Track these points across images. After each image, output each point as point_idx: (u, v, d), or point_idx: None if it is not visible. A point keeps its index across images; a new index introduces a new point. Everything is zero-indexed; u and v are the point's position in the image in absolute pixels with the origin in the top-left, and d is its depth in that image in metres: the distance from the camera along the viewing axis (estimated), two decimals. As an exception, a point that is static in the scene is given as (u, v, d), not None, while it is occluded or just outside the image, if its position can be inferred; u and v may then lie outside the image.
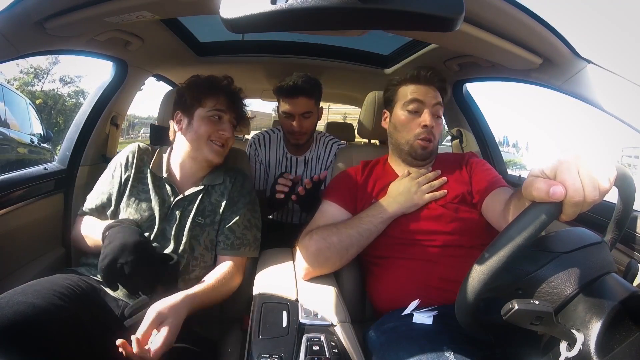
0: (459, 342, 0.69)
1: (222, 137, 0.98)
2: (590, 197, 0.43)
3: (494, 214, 0.86)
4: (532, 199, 0.46)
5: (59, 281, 0.76)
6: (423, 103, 1.00)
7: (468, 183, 0.98)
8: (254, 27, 0.45)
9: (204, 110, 0.97)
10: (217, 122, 0.98)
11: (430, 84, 1.03)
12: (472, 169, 1.01)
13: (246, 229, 0.99)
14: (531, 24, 0.74)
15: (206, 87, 0.99)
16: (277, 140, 1.54)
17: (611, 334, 0.44)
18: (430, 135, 1.00)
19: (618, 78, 0.74)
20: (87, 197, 1.02)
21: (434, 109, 1.01)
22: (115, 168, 1.00)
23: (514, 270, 0.50)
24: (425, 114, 0.99)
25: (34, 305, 0.66)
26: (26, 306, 0.65)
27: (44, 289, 0.71)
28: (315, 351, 0.65)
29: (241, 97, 1.05)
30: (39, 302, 0.67)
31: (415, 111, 1.01)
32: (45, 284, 0.73)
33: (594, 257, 0.51)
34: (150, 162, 1.00)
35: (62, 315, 0.68)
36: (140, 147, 1.03)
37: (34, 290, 0.69)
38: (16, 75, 12.08)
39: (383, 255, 0.93)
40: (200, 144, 0.97)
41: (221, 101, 0.98)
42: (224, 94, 0.99)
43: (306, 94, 1.36)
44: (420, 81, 1.03)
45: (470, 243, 0.88)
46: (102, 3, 0.78)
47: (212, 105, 0.97)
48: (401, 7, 0.42)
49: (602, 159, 0.44)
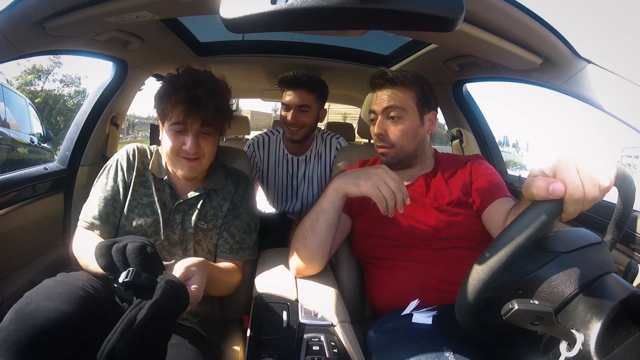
0: (459, 342, 0.69)
1: (186, 152, 0.87)
2: (591, 195, 0.43)
3: (494, 224, 0.85)
4: (532, 198, 0.46)
5: (73, 281, 0.75)
6: (375, 112, 0.98)
7: (467, 186, 0.95)
8: (254, 27, 0.45)
9: (167, 123, 0.87)
10: (180, 135, 0.87)
11: (383, 87, 0.97)
12: (475, 174, 0.97)
13: (245, 233, 0.98)
14: (531, 24, 0.74)
15: (164, 98, 0.87)
16: (276, 142, 1.54)
17: (611, 334, 0.44)
18: (383, 142, 0.96)
19: (618, 78, 0.74)
20: (86, 209, 0.90)
21: (384, 113, 0.96)
22: (117, 172, 0.92)
23: (514, 270, 0.50)
24: (377, 122, 0.97)
25: (63, 312, 0.65)
26: (57, 313, 0.64)
27: (65, 292, 0.70)
28: (315, 351, 0.65)
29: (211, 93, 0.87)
30: (66, 307, 0.66)
31: (372, 120, 1.00)
32: (64, 286, 0.72)
33: (594, 257, 0.51)
34: (150, 163, 0.95)
35: (87, 319, 0.68)
36: (138, 148, 0.96)
37: (57, 294, 0.68)
38: (17, 74, 12.10)
39: (380, 256, 0.93)
40: (171, 159, 0.89)
41: (178, 112, 0.84)
42: (182, 103, 0.84)
43: (305, 87, 1.38)
44: (374, 87, 0.99)
45: (468, 244, 0.88)
46: (102, 3, 0.78)
47: (172, 118, 0.86)
48: (401, 7, 0.42)
49: (602, 158, 0.44)
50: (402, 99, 0.95)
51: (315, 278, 0.92)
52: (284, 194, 1.56)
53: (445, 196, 0.93)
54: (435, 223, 0.90)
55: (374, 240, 0.93)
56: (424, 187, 0.96)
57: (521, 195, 0.57)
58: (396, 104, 0.94)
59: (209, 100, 0.85)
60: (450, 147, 1.78)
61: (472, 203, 0.93)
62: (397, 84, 0.95)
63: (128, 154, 0.94)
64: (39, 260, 1.12)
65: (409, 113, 0.95)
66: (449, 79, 1.49)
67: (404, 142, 0.96)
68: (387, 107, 0.95)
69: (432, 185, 0.97)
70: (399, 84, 0.95)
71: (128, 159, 0.94)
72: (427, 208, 0.93)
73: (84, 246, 0.84)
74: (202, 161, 0.90)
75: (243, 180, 1.03)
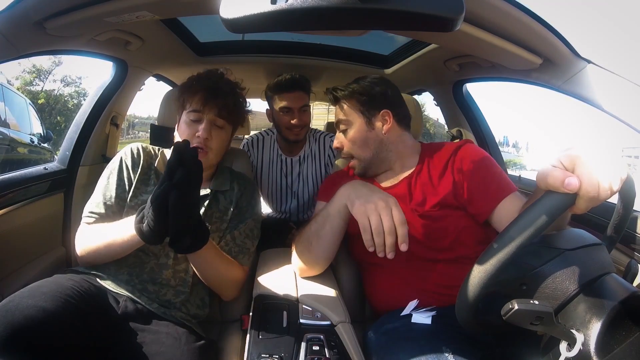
0: (459, 343, 0.69)
1: (198, 139, 0.88)
2: (603, 195, 0.44)
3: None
4: (546, 188, 0.46)
5: (63, 282, 0.75)
6: (337, 126, 0.98)
7: (456, 183, 0.86)
8: (254, 27, 0.45)
9: (185, 112, 0.92)
10: (195, 124, 0.90)
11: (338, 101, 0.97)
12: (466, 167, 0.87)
13: (247, 238, 0.97)
14: (531, 24, 0.74)
15: (186, 87, 0.93)
16: (270, 143, 1.56)
17: (611, 334, 0.44)
18: (345, 157, 0.99)
19: (618, 78, 0.74)
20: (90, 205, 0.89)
21: (337, 128, 0.98)
22: (122, 169, 0.91)
23: (519, 265, 0.51)
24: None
25: (43, 309, 0.65)
26: (36, 310, 0.64)
27: (51, 291, 0.70)
28: (315, 351, 0.65)
29: (231, 88, 0.95)
30: (48, 305, 0.66)
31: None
32: (51, 286, 0.72)
33: (595, 256, 0.51)
34: (155, 162, 0.95)
35: (71, 318, 0.68)
36: (143, 147, 0.96)
37: (41, 293, 0.68)
38: (18, 74, 12.11)
39: (373, 262, 0.90)
40: None
41: (197, 99, 0.90)
42: (202, 91, 0.90)
43: (302, 88, 1.41)
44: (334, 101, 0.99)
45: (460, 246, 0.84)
46: (102, 3, 0.78)
47: (191, 105, 0.91)
48: (401, 7, 0.42)
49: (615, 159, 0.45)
50: (346, 111, 0.96)
51: (315, 278, 0.92)
52: (279, 193, 1.58)
53: (431, 199, 0.87)
54: (422, 230, 0.85)
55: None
56: (406, 191, 0.91)
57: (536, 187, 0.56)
58: (340, 117, 0.96)
59: (228, 92, 0.92)
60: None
61: (464, 202, 0.86)
62: (341, 99, 0.96)
63: (133, 152, 0.94)
64: (39, 260, 1.12)
65: (353, 122, 0.95)
66: (449, 79, 1.49)
67: (357, 151, 0.95)
68: (337, 122, 0.98)
69: (417, 189, 0.90)
70: (342, 98, 0.96)
71: (133, 156, 0.93)
72: (412, 215, 0.86)
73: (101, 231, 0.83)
74: (209, 155, 0.91)
75: (250, 185, 1.02)
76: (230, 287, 0.93)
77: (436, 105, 1.74)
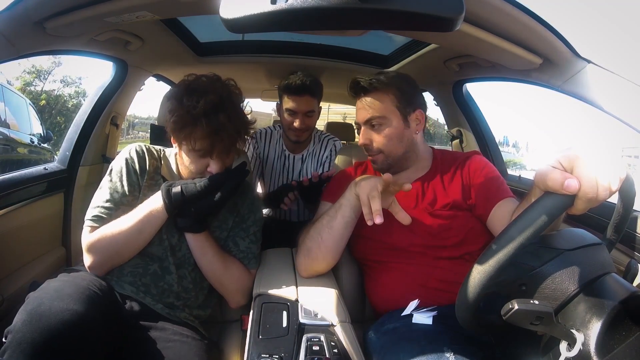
0: (459, 343, 0.68)
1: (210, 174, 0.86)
2: (602, 196, 0.44)
3: (500, 225, 0.83)
4: (545, 189, 0.47)
5: (79, 282, 0.75)
6: (359, 124, 0.96)
7: (467, 188, 0.92)
8: (254, 27, 0.45)
9: (186, 147, 0.84)
10: (205, 158, 0.86)
11: (360, 97, 0.94)
12: (474, 173, 0.93)
13: (252, 243, 0.96)
14: (531, 24, 0.74)
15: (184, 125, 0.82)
16: (276, 138, 1.57)
17: (611, 334, 0.44)
18: (371, 152, 0.95)
19: (618, 78, 0.74)
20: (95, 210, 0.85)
21: (367, 125, 0.94)
22: (129, 172, 0.88)
23: (518, 265, 0.51)
24: (361, 133, 0.96)
25: (76, 312, 0.65)
26: (70, 314, 0.65)
27: (75, 292, 0.70)
28: (315, 351, 0.65)
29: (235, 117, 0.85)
30: (78, 307, 0.66)
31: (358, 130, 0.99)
32: (73, 287, 0.72)
33: (595, 256, 0.51)
34: (160, 167, 0.93)
35: (97, 318, 0.69)
36: (147, 149, 0.93)
37: (67, 295, 0.69)
38: (18, 75, 12.10)
39: (377, 259, 0.92)
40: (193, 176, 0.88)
41: (203, 142, 0.82)
42: (207, 133, 0.81)
43: (311, 94, 1.39)
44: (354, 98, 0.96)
45: (466, 246, 0.87)
46: (102, 3, 0.78)
47: (195, 146, 0.83)
48: (401, 7, 0.42)
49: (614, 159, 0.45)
50: (380, 107, 0.91)
51: (315, 278, 0.92)
52: None
53: (442, 200, 0.91)
54: (431, 228, 0.88)
55: (373, 244, 0.92)
56: (420, 191, 0.94)
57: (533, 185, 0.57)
58: (375, 113, 0.92)
59: (230, 124, 0.83)
60: (450, 147, 1.78)
61: (472, 205, 0.90)
62: (372, 90, 0.92)
63: (138, 154, 0.91)
64: (39, 260, 1.12)
65: (390, 118, 0.92)
66: (449, 79, 1.49)
67: (391, 148, 0.93)
68: (368, 119, 0.93)
69: (429, 189, 0.94)
70: (374, 90, 0.92)
71: (140, 160, 0.90)
72: (423, 213, 0.90)
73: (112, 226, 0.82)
74: None
75: (249, 191, 1.01)
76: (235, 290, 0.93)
77: (436, 105, 1.74)
